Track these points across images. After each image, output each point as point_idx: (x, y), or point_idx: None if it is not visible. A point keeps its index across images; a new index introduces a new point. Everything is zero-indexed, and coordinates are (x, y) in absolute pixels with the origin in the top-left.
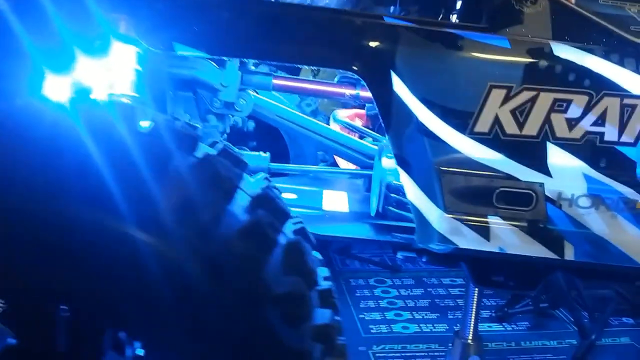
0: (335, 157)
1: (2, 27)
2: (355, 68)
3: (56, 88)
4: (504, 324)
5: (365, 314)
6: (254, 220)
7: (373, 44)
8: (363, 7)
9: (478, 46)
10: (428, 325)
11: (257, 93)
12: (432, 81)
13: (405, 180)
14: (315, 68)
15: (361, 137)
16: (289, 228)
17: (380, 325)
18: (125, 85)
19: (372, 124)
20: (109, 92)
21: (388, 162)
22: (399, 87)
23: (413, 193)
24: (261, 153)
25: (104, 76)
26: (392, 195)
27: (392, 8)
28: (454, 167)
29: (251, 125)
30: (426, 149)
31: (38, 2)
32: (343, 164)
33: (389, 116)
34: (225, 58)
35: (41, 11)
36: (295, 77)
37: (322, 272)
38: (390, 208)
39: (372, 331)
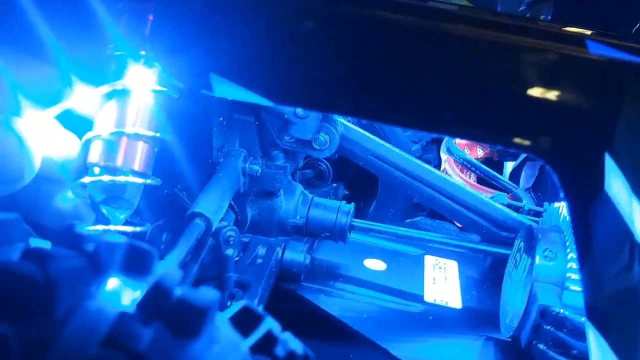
0: None
1: None
2: (532, 145)
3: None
4: None
5: None
6: None
7: (575, 97)
8: None
9: None
10: None
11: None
12: None
13: (595, 345)
14: None
15: (479, 181)
16: None
17: None
18: (142, 117)
19: (500, 156)
20: (112, 130)
21: (548, 264)
22: (616, 183)
23: None
24: (343, 203)
25: (108, 109)
26: (549, 328)
27: None
28: None
29: None
30: None
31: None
32: None
33: (589, 239)
34: None
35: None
36: None
37: None
38: (542, 347)
39: None
